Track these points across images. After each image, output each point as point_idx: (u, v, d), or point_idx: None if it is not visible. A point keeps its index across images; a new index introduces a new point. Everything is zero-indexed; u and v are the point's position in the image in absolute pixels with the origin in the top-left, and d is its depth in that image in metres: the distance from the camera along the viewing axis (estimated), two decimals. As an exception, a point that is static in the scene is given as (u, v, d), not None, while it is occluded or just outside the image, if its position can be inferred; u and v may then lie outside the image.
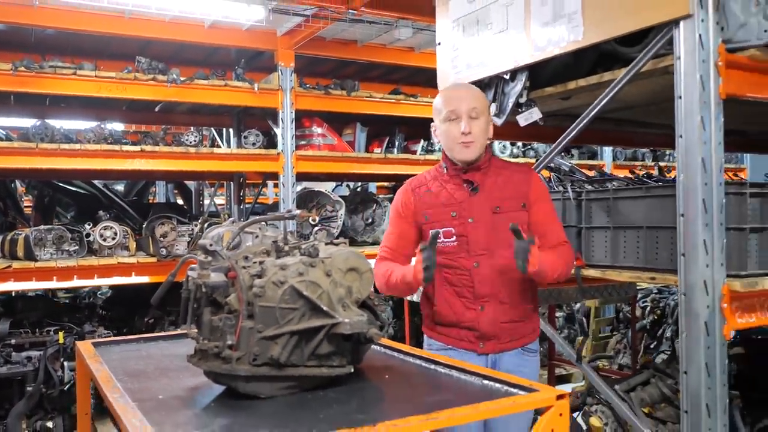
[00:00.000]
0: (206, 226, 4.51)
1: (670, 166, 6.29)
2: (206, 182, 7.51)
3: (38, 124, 4.30)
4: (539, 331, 2.29)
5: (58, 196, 5.63)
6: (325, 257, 1.66)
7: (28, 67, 4.01)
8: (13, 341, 3.94)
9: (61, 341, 3.95)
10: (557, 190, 2.94)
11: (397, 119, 5.59)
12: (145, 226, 4.44)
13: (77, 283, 4.14)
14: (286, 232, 1.80)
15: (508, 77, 2.64)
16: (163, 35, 4.53)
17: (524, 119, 2.64)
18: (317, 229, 4.85)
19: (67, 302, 5.21)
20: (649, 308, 4.94)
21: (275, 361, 1.53)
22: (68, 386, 3.90)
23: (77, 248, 4.24)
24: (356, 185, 7.55)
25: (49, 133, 4.26)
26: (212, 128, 6.78)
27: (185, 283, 1.71)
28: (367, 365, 1.79)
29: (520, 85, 2.59)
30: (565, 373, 5.46)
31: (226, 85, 4.65)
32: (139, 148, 4.37)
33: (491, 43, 2.63)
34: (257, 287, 1.56)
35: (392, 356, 1.99)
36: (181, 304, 1.70)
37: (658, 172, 3.64)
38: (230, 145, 6.30)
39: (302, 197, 5.29)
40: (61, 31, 4.40)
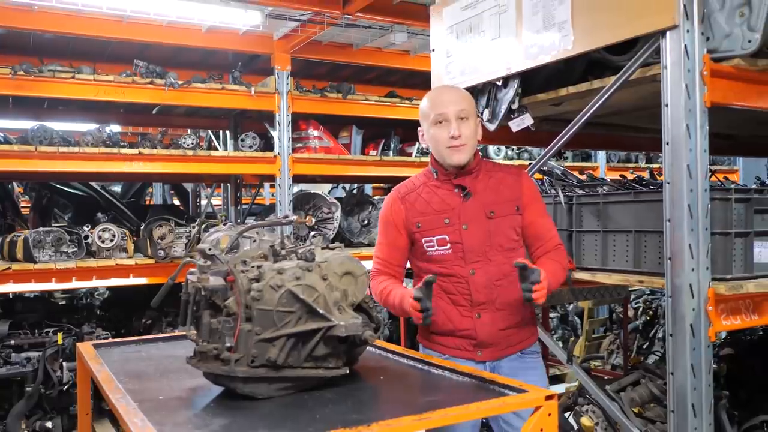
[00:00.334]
0: (203, 227, 4.55)
1: (662, 168, 6.33)
2: (203, 184, 7.53)
3: (36, 127, 4.33)
4: (537, 334, 2.26)
5: (55, 197, 5.65)
6: (321, 261, 1.70)
7: (27, 71, 4.04)
8: (12, 342, 3.96)
9: (59, 342, 3.98)
10: (549, 194, 2.99)
11: (392, 122, 5.63)
12: (143, 228, 4.47)
13: (76, 284, 4.17)
14: (283, 236, 1.85)
15: (500, 83, 2.67)
16: (160, 39, 4.56)
17: (516, 125, 2.68)
18: (313, 234, 4.89)
19: (63, 303, 5.23)
20: (641, 309, 5.00)
21: (273, 362, 1.57)
22: (67, 387, 3.93)
23: (76, 250, 4.27)
24: (352, 187, 7.59)
25: (47, 135, 4.29)
26: (209, 131, 6.82)
27: (185, 286, 1.75)
28: (362, 366, 1.83)
29: (512, 91, 2.63)
30: (559, 373, 5.52)
31: (223, 88, 4.69)
32: (137, 150, 4.41)
33: (484, 50, 2.67)
34: (255, 291, 1.60)
35: (387, 357, 2.03)
36: (180, 306, 1.74)
37: (649, 175, 3.70)
38: (227, 147, 6.34)
39: (299, 199, 5.33)
40: (59, 34, 4.43)
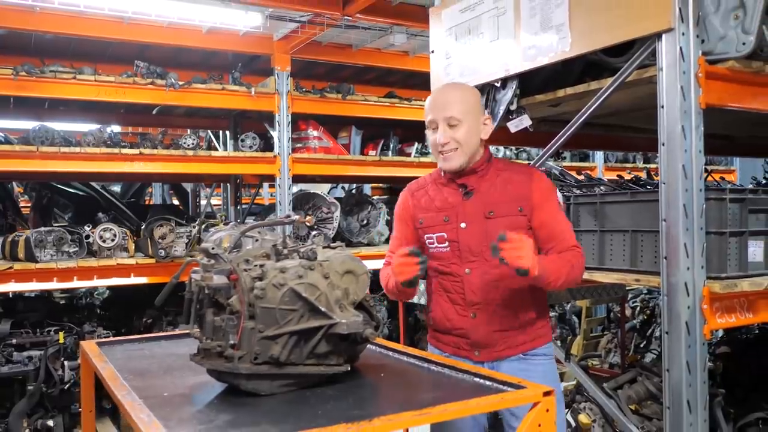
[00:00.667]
0: (204, 227, 4.58)
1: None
2: (202, 184, 7.56)
3: (38, 127, 4.36)
4: (548, 336, 2.18)
5: (56, 197, 5.68)
6: (322, 260, 1.73)
7: (29, 71, 4.07)
8: (14, 341, 3.98)
9: (61, 341, 4.00)
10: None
11: (391, 122, 5.66)
12: (143, 227, 4.50)
13: (77, 284, 4.20)
14: (285, 236, 1.88)
15: (499, 85, 2.69)
16: (161, 40, 4.59)
17: (515, 126, 2.71)
18: (315, 233, 4.92)
19: (63, 303, 5.25)
20: (638, 308, 5.03)
21: (275, 359, 1.60)
22: (68, 385, 3.96)
23: (77, 249, 4.29)
24: (351, 187, 7.62)
25: (49, 136, 4.32)
26: (209, 131, 6.85)
27: (188, 285, 1.78)
28: (362, 364, 1.85)
29: (510, 92, 2.65)
30: (558, 371, 5.54)
31: (223, 89, 4.71)
32: (138, 150, 4.44)
33: (483, 51, 2.70)
34: (258, 289, 1.62)
35: (387, 355, 2.06)
36: (181, 305, 1.77)
37: (646, 175, 3.74)
38: (227, 147, 6.37)
39: (298, 199, 5.36)
40: (60, 35, 4.45)
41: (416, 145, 5.83)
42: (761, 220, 2.44)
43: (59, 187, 5.57)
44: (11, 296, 4.67)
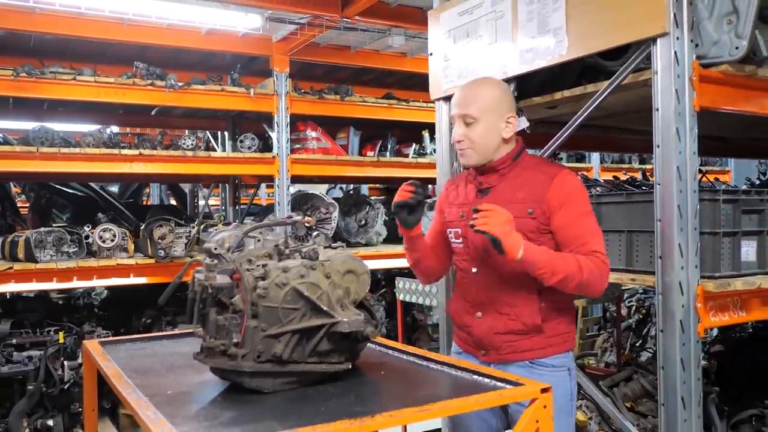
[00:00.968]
0: (203, 227, 4.61)
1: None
2: (200, 184, 7.58)
3: (38, 128, 4.37)
4: (563, 347, 2.05)
5: (54, 198, 5.69)
6: (324, 260, 1.77)
7: (29, 72, 4.08)
8: (14, 341, 3.99)
9: (61, 341, 4.02)
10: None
11: (389, 123, 5.68)
12: (143, 228, 4.52)
13: (77, 284, 4.21)
14: (287, 236, 1.91)
15: (497, 87, 2.74)
16: (160, 41, 4.61)
17: (512, 127, 2.74)
18: (316, 233, 4.95)
19: (61, 302, 5.26)
20: (634, 308, 5.08)
21: (278, 357, 1.62)
22: (68, 385, 3.97)
23: (77, 250, 4.31)
24: (348, 188, 7.65)
25: (48, 136, 4.33)
26: (207, 131, 6.87)
27: (191, 284, 1.81)
28: (363, 362, 1.88)
29: (508, 94, 2.69)
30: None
31: (222, 90, 4.74)
32: (137, 151, 4.46)
33: (481, 54, 2.74)
34: (261, 288, 1.65)
35: (387, 353, 2.09)
36: (180, 306, 1.80)
37: (642, 176, 3.78)
38: (225, 148, 6.39)
39: (297, 200, 5.38)
40: (60, 36, 4.47)
41: (414, 145, 5.86)
42: (754, 220, 2.48)
43: (58, 187, 5.59)
44: (10, 297, 4.68)
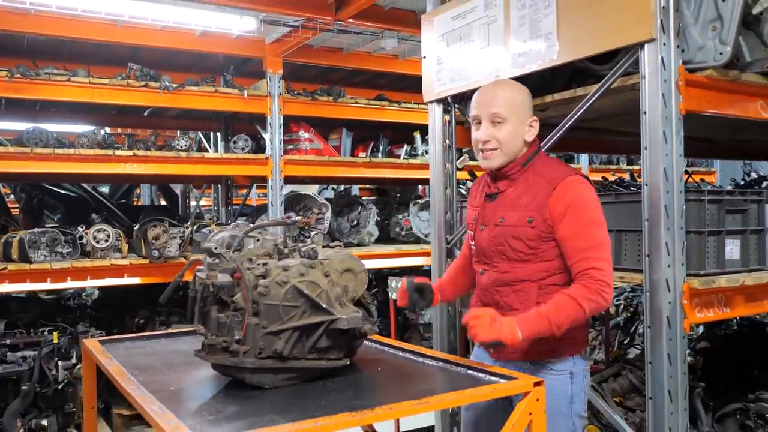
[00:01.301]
0: (196, 228, 4.63)
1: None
2: (191, 185, 7.58)
3: (32, 128, 4.37)
4: (567, 351, 2.02)
5: (46, 198, 5.68)
6: (323, 259, 1.82)
7: (24, 73, 4.09)
8: (8, 341, 3.98)
9: (55, 341, 4.02)
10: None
11: (381, 124, 5.73)
12: (137, 228, 4.53)
13: (71, 284, 4.21)
14: (286, 236, 1.95)
15: (489, 90, 2.79)
16: (154, 43, 4.63)
17: (504, 129, 2.79)
18: (315, 232, 4.99)
19: (49, 302, 5.25)
20: (622, 306, 5.16)
21: (279, 354, 1.67)
22: (62, 385, 3.98)
23: (70, 250, 4.31)
24: (339, 188, 7.68)
25: (43, 137, 4.34)
26: (199, 132, 6.88)
27: (192, 283, 1.85)
28: (360, 359, 1.94)
29: (500, 97, 2.74)
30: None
31: (216, 91, 4.76)
32: (131, 152, 4.47)
33: (474, 57, 2.79)
34: (262, 287, 1.70)
35: (383, 350, 2.15)
36: (187, 303, 1.84)
37: (630, 177, 3.86)
38: (218, 148, 6.41)
39: (289, 200, 5.41)
40: (54, 37, 4.48)
41: (405, 146, 5.91)
42: (738, 219, 2.56)
43: (49, 188, 5.58)
44: (4, 297, 4.68)
